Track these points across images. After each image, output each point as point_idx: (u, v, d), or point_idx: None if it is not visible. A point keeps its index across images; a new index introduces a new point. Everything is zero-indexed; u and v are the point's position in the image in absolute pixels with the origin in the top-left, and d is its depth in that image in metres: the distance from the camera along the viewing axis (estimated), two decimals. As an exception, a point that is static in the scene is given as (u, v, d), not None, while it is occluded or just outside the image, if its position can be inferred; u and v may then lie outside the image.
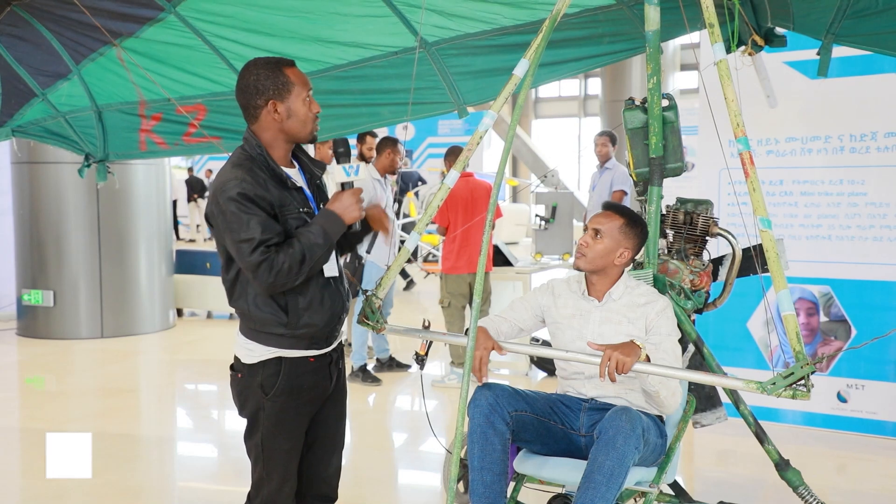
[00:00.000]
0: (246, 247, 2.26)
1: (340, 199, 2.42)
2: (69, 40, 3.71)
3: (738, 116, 2.49)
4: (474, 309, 2.64)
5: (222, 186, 2.31)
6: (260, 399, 2.43)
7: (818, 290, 4.74)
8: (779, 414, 4.85)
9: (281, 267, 2.26)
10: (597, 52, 3.65)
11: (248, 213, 2.27)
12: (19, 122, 4.31)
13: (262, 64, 2.41)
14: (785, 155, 4.78)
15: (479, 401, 2.74)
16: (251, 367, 2.43)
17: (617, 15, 3.38)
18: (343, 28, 3.60)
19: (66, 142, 4.49)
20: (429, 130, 16.56)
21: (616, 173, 7.40)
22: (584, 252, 2.90)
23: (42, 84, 4.03)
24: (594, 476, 2.55)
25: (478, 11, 3.42)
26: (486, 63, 3.74)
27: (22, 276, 8.04)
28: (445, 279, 5.98)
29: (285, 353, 2.42)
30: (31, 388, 6.54)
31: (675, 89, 16.46)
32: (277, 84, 2.38)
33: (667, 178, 3.16)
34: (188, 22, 3.53)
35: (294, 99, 2.40)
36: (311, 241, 2.31)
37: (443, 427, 5.08)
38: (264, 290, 2.33)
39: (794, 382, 2.34)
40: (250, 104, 2.41)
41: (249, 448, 2.51)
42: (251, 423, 2.48)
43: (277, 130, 2.42)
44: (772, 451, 3.25)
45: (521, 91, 2.84)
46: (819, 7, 3.17)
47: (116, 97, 4.15)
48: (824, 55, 3.31)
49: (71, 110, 4.27)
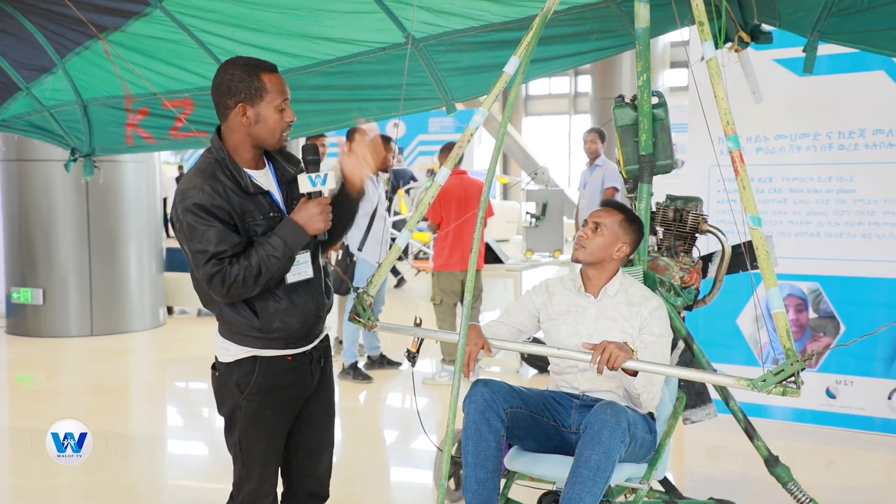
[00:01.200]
0: (200, 257, 2.24)
1: (305, 209, 2.35)
2: (54, 34, 3.68)
3: (727, 114, 2.50)
4: (465, 306, 2.65)
5: (183, 194, 2.27)
6: (236, 397, 2.41)
7: (807, 287, 4.77)
8: (768, 410, 4.88)
9: (234, 279, 2.23)
10: (585, 49, 3.66)
11: (203, 225, 2.24)
12: (3, 117, 4.28)
13: (240, 65, 2.35)
14: (774, 152, 4.81)
15: (474, 396, 2.74)
16: (227, 365, 2.42)
17: (605, 12, 3.40)
18: (330, 24, 3.60)
19: (51, 136, 4.46)
20: (419, 128, 16.54)
21: (607, 170, 7.42)
22: (584, 244, 2.93)
23: (26, 78, 4.00)
24: (580, 471, 2.56)
25: (466, 8, 3.42)
26: (474, 59, 3.74)
27: (11, 273, 7.99)
28: (437, 276, 5.99)
29: (260, 352, 2.40)
30: (20, 387, 6.51)
31: (665, 86, 16.49)
32: (251, 88, 2.32)
33: (656, 175, 3.17)
34: (174, 17, 3.51)
35: (265, 105, 2.33)
36: (269, 254, 2.27)
37: (434, 424, 5.09)
38: (221, 299, 2.31)
39: (784, 379, 2.35)
40: (221, 103, 2.36)
41: (229, 446, 2.50)
42: (229, 421, 2.47)
43: (245, 134, 2.36)
44: (761, 447, 3.27)
45: (511, 88, 2.84)
46: (805, 5, 3.19)
47: (102, 91, 4.12)
48: (810, 53, 3.33)
49: (56, 104, 4.24)
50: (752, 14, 3.26)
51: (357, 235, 5.94)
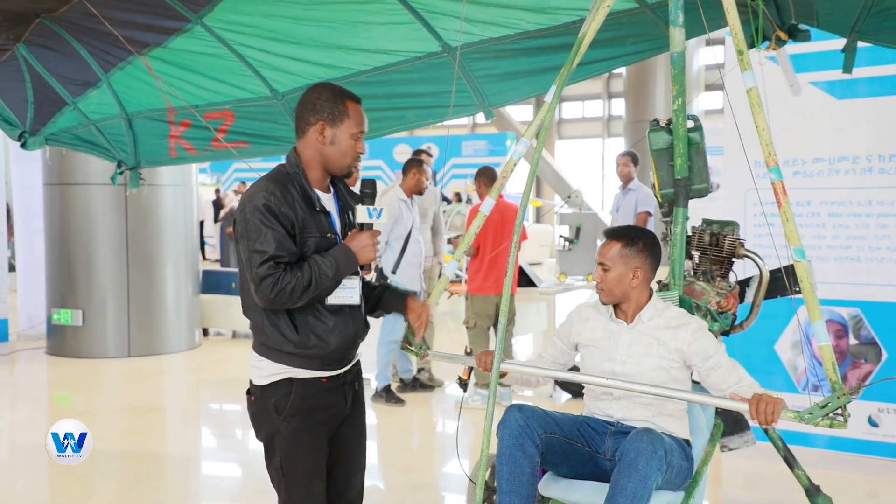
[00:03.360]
0: (257, 257, 2.31)
1: (358, 238, 2.46)
2: (97, 49, 3.77)
3: (769, 146, 2.47)
4: (500, 330, 2.64)
5: (251, 196, 2.36)
6: (274, 421, 2.43)
7: (847, 313, 4.68)
8: (808, 438, 4.78)
9: (284, 286, 2.29)
10: (622, 53, 3.66)
11: (267, 226, 2.32)
12: (51, 131, 4.39)
13: (329, 88, 2.48)
14: (812, 176, 4.75)
15: (508, 422, 2.72)
16: (263, 388, 2.44)
17: (640, 17, 3.39)
18: (367, 35, 3.66)
19: (97, 149, 4.56)
20: (452, 152, 16.62)
21: (640, 194, 7.37)
22: (602, 287, 2.91)
23: (72, 93, 4.10)
24: (616, 499, 2.53)
25: (501, 17, 3.46)
26: (510, 66, 3.78)
27: (52, 295, 8.14)
28: (472, 300, 5.98)
29: (295, 372, 2.42)
30: (59, 407, 6.61)
31: (700, 110, 16.40)
32: (334, 110, 2.44)
33: (692, 199, 3.14)
34: (214, 32, 3.59)
35: (343, 130, 2.45)
36: (322, 271, 2.35)
37: (467, 449, 5.06)
38: (263, 303, 2.35)
39: (830, 412, 2.33)
40: (303, 118, 2.47)
41: (271, 474, 2.50)
42: (269, 446, 2.47)
43: (317, 152, 2.46)
44: (801, 476, 3.20)
45: (547, 110, 2.84)
46: (844, 5, 3.16)
47: (145, 104, 4.21)
48: (849, 53, 3.29)
49: (101, 118, 4.34)
50: (790, 15, 3.24)
51: (391, 258, 5.96)
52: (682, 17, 2.90)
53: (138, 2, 3.39)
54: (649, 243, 2.93)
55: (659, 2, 3.29)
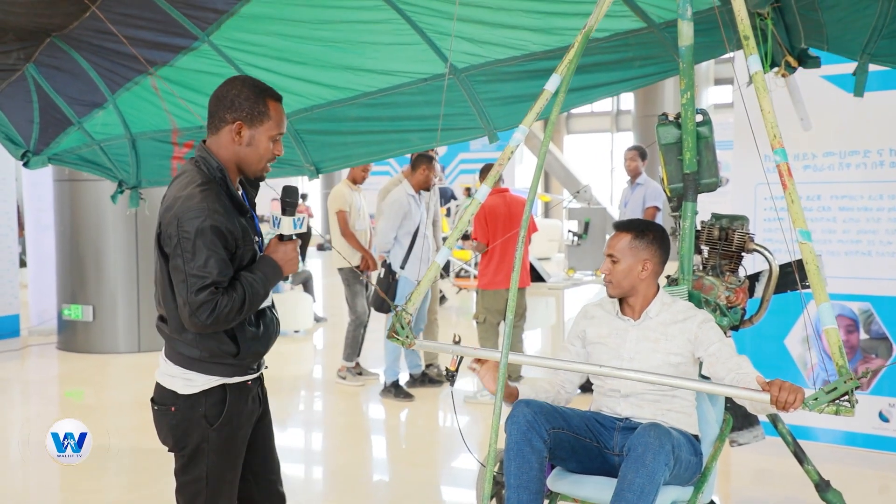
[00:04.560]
0: (195, 282, 2.18)
1: (283, 250, 2.36)
2: (105, 70, 3.78)
3: (775, 128, 2.45)
4: (507, 325, 2.64)
5: (191, 212, 2.20)
6: (204, 430, 2.32)
7: (858, 307, 4.66)
8: (817, 433, 4.76)
9: (221, 311, 2.19)
10: (627, 77, 3.64)
11: (210, 250, 2.19)
12: (55, 151, 4.39)
13: (250, 84, 2.32)
14: (822, 170, 4.72)
15: (516, 417, 2.72)
16: (190, 397, 2.33)
17: (647, 38, 3.38)
18: (373, 56, 3.65)
19: (100, 169, 4.56)
20: (461, 146, 16.58)
21: (648, 189, 7.33)
22: (610, 279, 2.91)
23: (78, 113, 4.10)
24: (624, 494, 2.53)
25: (507, 38, 3.44)
26: (515, 89, 3.75)
27: (62, 290, 8.18)
28: (482, 295, 5.98)
29: (228, 380, 2.35)
30: (70, 402, 6.65)
31: (709, 104, 16.34)
32: (254, 109, 2.28)
33: (701, 193, 3.13)
34: (221, 51, 3.59)
35: (262, 131, 2.30)
36: (255, 289, 2.26)
37: (475, 443, 5.06)
38: (195, 329, 2.25)
39: (837, 398, 2.27)
40: (217, 115, 2.31)
41: (186, 483, 2.37)
42: (192, 457, 2.35)
43: (232, 153, 2.32)
44: (811, 471, 3.19)
45: (551, 112, 2.83)
46: (854, 28, 3.13)
47: (150, 125, 4.21)
48: (860, 76, 3.26)
49: (106, 138, 4.34)
50: (799, 38, 3.20)
51: (399, 254, 5.96)
52: (690, 11, 2.88)
53: (147, 18, 3.38)
54: (659, 236, 2.92)
55: (668, 21, 3.27)
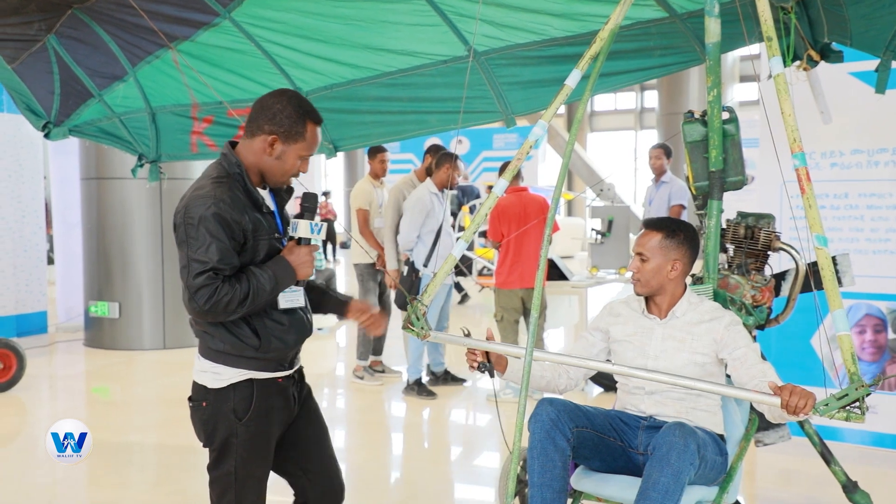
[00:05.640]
0: (196, 266, 2.23)
1: (297, 253, 2.39)
2: (126, 43, 3.80)
3: (795, 131, 2.44)
4: (531, 323, 2.63)
5: (198, 200, 2.26)
6: (232, 424, 2.37)
7: (886, 307, 4.60)
8: (845, 433, 4.71)
9: (220, 298, 2.22)
10: (648, 65, 3.62)
11: (213, 237, 2.23)
12: (76, 123, 4.43)
13: (296, 102, 2.37)
14: (850, 167, 4.66)
15: (540, 416, 2.72)
16: (219, 391, 2.37)
17: (669, 28, 3.36)
18: (394, 36, 3.65)
19: (119, 142, 4.60)
20: (484, 145, 16.57)
21: (673, 187, 7.29)
22: (639, 277, 2.88)
23: (99, 85, 4.14)
24: (649, 493, 2.51)
25: (529, 22, 3.43)
26: (534, 74, 3.74)
27: (89, 287, 8.28)
28: (498, 293, 5.99)
29: (256, 374, 2.38)
30: (96, 398, 6.73)
31: (735, 101, 16.19)
32: (293, 129, 2.35)
33: (727, 191, 3.11)
34: (242, 27, 3.61)
35: (294, 150, 2.37)
36: (261, 285, 2.28)
37: (498, 442, 5.06)
38: (194, 315, 2.28)
39: (848, 404, 2.27)
40: (257, 123, 2.37)
41: (216, 479, 2.42)
42: (221, 451, 2.40)
43: (260, 160, 2.38)
44: (838, 472, 3.16)
45: (579, 105, 2.82)
46: (878, 24, 3.10)
47: (170, 99, 4.24)
48: (882, 73, 3.23)
49: (126, 111, 4.37)
50: (823, 32, 3.17)
51: (423, 251, 5.97)
52: (718, 8, 2.86)
53: None
54: (689, 236, 2.90)
55: (690, 12, 3.25)
